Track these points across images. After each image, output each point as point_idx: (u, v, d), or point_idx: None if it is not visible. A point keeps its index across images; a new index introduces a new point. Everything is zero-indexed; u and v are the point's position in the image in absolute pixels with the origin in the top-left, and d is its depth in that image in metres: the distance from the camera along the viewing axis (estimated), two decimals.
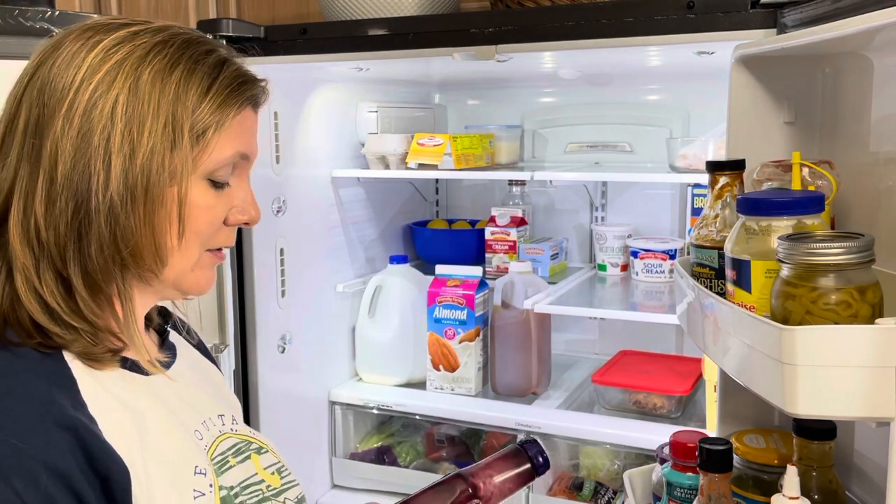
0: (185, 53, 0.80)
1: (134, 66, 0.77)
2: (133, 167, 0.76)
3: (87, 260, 0.76)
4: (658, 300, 1.95)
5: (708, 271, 1.01)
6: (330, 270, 2.08)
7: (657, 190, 2.20)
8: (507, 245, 2.19)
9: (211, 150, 0.80)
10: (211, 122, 0.79)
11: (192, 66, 0.79)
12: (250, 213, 0.87)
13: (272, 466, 0.93)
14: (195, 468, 0.81)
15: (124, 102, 0.76)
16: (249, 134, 0.85)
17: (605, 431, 1.81)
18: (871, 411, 0.71)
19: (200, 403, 0.90)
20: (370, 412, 2.08)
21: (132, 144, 0.76)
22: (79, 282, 0.77)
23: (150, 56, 0.78)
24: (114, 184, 0.75)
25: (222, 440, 0.89)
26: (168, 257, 0.80)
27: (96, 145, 0.75)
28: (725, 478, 0.95)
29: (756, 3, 1.29)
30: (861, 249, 0.75)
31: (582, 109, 2.28)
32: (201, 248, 0.83)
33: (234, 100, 0.81)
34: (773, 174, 1.06)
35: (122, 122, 0.75)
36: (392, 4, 1.75)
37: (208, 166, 0.80)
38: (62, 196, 0.75)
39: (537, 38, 1.50)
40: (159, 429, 0.79)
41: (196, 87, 0.79)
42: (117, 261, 0.77)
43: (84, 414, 0.73)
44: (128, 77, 0.76)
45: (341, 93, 2.11)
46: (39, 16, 1.31)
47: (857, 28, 0.82)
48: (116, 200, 0.75)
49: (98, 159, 0.75)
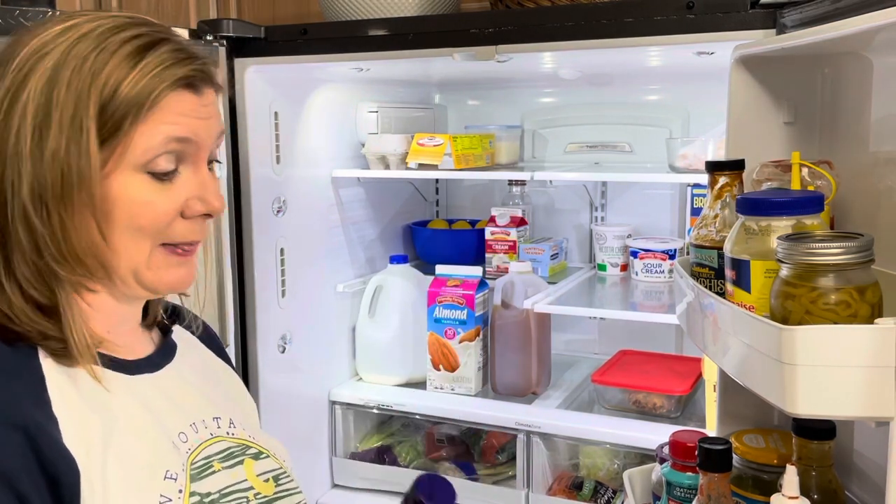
0: (102, 43, 0.75)
1: (53, 63, 0.74)
2: (41, 170, 0.73)
3: (15, 270, 0.75)
4: (658, 300, 1.95)
5: (707, 271, 1.01)
6: (330, 270, 2.08)
7: (657, 190, 2.20)
8: (507, 245, 2.19)
9: (133, 140, 0.75)
10: (127, 111, 0.74)
11: (107, 57, 0.74)
12: (211, 204, 0.81)
13: (268, 473, 0.90)
14: (166, 472, 0.79)
15: (35, 103, 0.73)
16: (189, 117, 0.78)
17: (605, 431, 1.81)
18: (870, 411, 0.72)
19: (193, 404, 0.87)
20: (370, 412, 2.08)
21: (40, 147, 0.73)
22: (14, 292, 0.75)
23: (69, 50, 0.74)
24: (25, 190, 0.73)
25: (211, 444, 0.86)
26: (104, 259, 0.77)
27: (11, 152, 0.73)
28: (725, 477, 0.95)
29: (756, 4, 1.29)
30: (860, 249, 0.75)
31: (582, 109, 2.28)
32: (151, 243, 0.79)
33: (154, 84, 0.75)
34: (772, 174, 1.06)
35: (31, 125, 0.73)
36: (392, 4, 1.75)
37: (136, 157, 0.75)
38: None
39: (537, 38, 1.50)
40: (131, 431, 0.78)
41: (108, 77, 0.74)
42: (43, 269, 0.75)
43: (44, 413, 0.72)
44: (43, 75, 0.73)
45: (341, 93, 2.11)
46: (39, 16, 1.32)
47: (857, 28, 0.82)
48: (29, 207, 0.73)
49: (13, 165, 0.73)
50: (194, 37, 1.65)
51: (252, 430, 0.95)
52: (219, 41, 1.66)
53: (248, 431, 0.93)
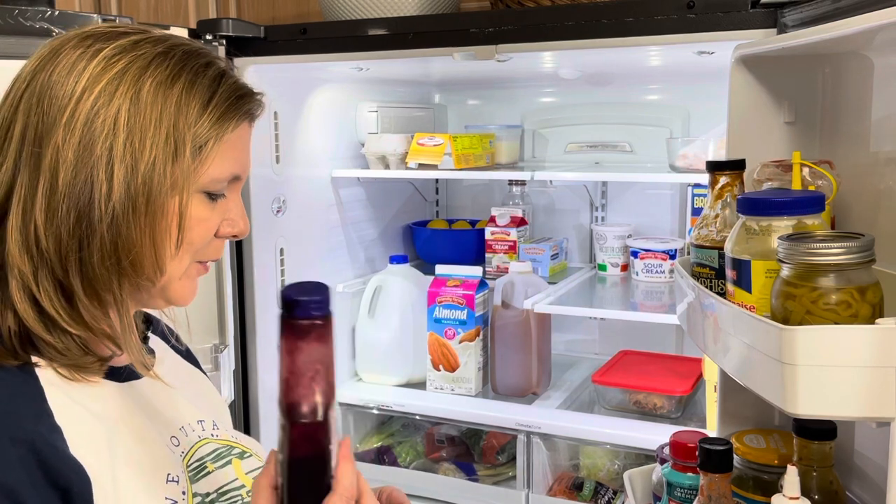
0: (186, 65, 0.79)
1: (135, 76, 0.77)
2: (135, 177, 0.75)
3: (88, 268, 0.76)
4: (658, 300, 1.95)
5: (708, 271, 1.01)
6: (330, 270, 2.08)
7: (657, 190, 2.20)
8: (507, 245, 2.19)
9: (209, 164, 0.80)
10: (210, 135, 0.79)
11: (193, 79, 0.79)
12: (239, 226, 0.86)
13: (255, 471, 0.92)
14: (168, 476, 0.80)
15: (126, 113, 0.76)
16: (245, 151, 0.85)
17: (605, 431, 1.81)
18: (871, 411, 0.71)
19: (179, 409, 0.89)
20: (370, 412, 2.08)
21: (134, 155, 0.75)
22: (79, 289, 0.76)
23: (152, 67, 0.78)
24: (116, 194, 0.75)
25: (201, 446, 0.88)
26: (166, 267, 0.80)
27: (99, 155, 0.75)
28: (725, 478, 0.95)
29: (756, 3, 1.29)
30: (861, 249, 0.75)
31: (582, 109, 2.28)
32: (192, 259, 0.83)
33: (232, 113, 0.81)
34: (773, 174, 1.06)
35: (124, 133, 0.75)
36: (392, 4, 1.75)
37: (205, 179, 0.80)
38: (64, 205, 0.75)
39: (537, 38, 1.50)
40: (131, 437, 0.79)
41: (197, 100, 0.79)
42: (117, 270, 0.77)
43: (47, 424, 0.73)
44: (129, 87, 0.76)
45: (341, 93, 2.11)
46: (39, 16, 1.31)
47: (857, 28, 0.82)
48: (119, 210, 0.75)
49: (101, 169, 0.75)
50: (194, 36, 1.65)
51: (230, 430, 0.98)
52: (218, 41, 1.66)
53: (229, 432, 0.95)
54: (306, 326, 0.72)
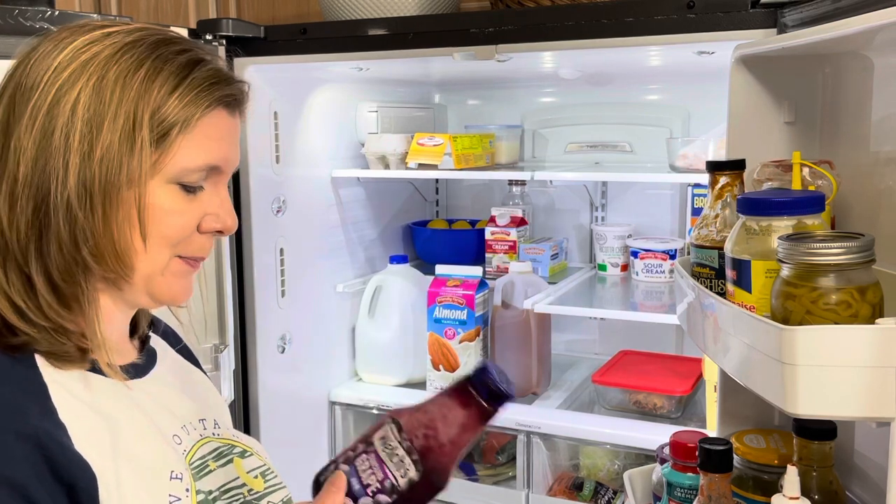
0: (154, 52, 0.78)
1: (101, 64, 0.76)
2: (90, 166, 0.75)
3: (47, 259, 0.76)
4: (658, 300, 1.95)
5: (708, 271, 1.01)
6: (330, 270, 2.08)
7: (657, 190, 2.20)
8: (507, 245, 2.19)
9: (175, 152, 0.78)
10: (175, 121, 0.77)
11: (160, 65, 0.77)
12: (225, 222, 0.84)
13: (256, 470, 0.92)
14: (171, 473, 0.80)
15: (87, 100, 0.75)
16: (223, 141, 0.82)
17: (605, 431, 1.81)
18: (871, 411, 0.71)
19: (181, 408, 0.89)
20: (370, 412, 2.08)
21: (91, 143, 0.74)
22: (41, 281, 0.76)
23: (118, 55, 0.77)
24: (71, 182, 0.74)
25: (203, 444, 0.88)
26: (133, 261, 0.78)
27: (56, 145, 0.74)
28: (725, 478, 0.95)
29: (756, 3, 1.29)
30: (861, 249, 0.75)
31: (582, 109, 2.28)
32: (171, 253, 0.81)
33: (203, 100, 0.79)
34: (773, 174, 1.06)
35: (81, 121, 0.74)
36: (392, 4, 1.75)
37: (173, 170, 0.78)
38: (23, 195, 0.74)
39: (537, 38, 1.50)
40: (134, 434, 0.79)
41: (161, 86, 0.77)
42: (78, 261, 0.76)
43: (52, 421, 0.73)
44: (92, 75, 0.75)
45: (341, 93, 2.10)
46: (39, 16, 1.32)
47: (857, 28, 0.82)
48: (74, 200, 0.75)
49: (58, 158, 0.74)
50: (193, 36, 1.64)
51: (230, 429, 0.97)
52: (218, 41, 1.66)
53: (230, 431, 0.95)
54: (491, 415, 0.79)
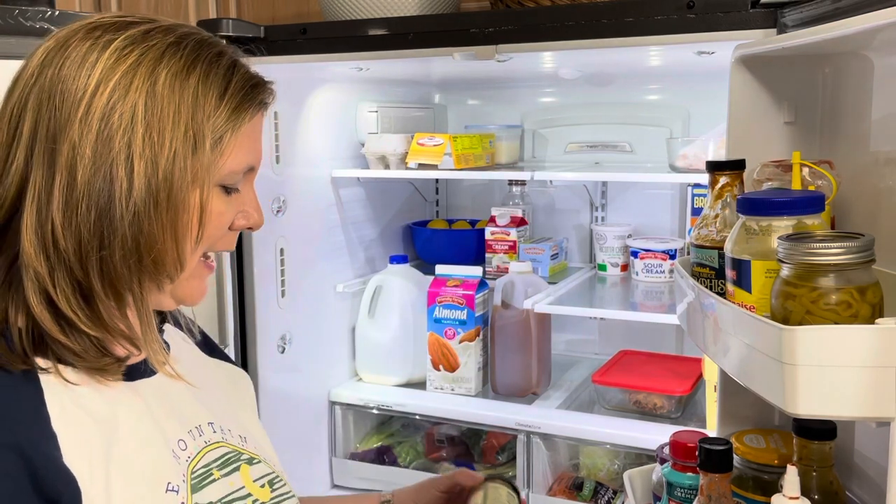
0: (199, 55, 0.78)
1: (150, 68, 0.75)
2: (156, 172, 0.74)
3: (109, 267, 0.74)
4: (658, 300, 1.95)
5: (708, 271, 1.01)
6: (330, 270, 2.08)
7: (657, 190, 2.20)
8: (507, 245, 2.19)
9: (227, 156, 0.79)
10: (227, 127, 0.78)
11: (208, 69, 0.78)
12: (254, 218, 0.86)
13: (264, 478, 0.90)
14: (168, 485, 0.78)
15: (143, 107, 0.74)
16: (259, 141, 0.85)
17: (605, 431, 1.81)
18: (871, 411, 0.71)
19: (189, 410, 0.87)
20: (370, 412, 2.08)
21: (154, 149, 0.74)
22: (100, 289, 0.75)
23: (166, 58, 0.76)
24: (137, 189, 0.73)
25: (209, 451, 0.85)
26: (187, 263, 0.79)
27: (117, 150, 0.73)
28: (725, 478, 0.95)
29: (756, 3, 1.29)
30: (861, 249, 0.75)
31: (582, 109, 2.28)
32: (202, 253, 0.82)
33: (247, 104, 0.81)
34: (773, 174, 1.06)
35: (142, 127, 0.74)
36: (392, 4, 1.75)
37: (224, 172, 0.79)
38: (83, 203, 0.73)
39: (537, 38, 1.49)
40: (134, 442, 0.77)
41: (213, 91, 0.78)
42: (139, 267, 0.75)
43: (41, 430, 0.71)
44: (145, 80, 0.75)
45: (341, 93, 2.10)
46: (39, 16, 1.31)
47: (857, 28, 0.82)
48: (140, 207, 0.74)
49: (120, 165, 0.73)
50: None
51: (244, 429, 0.95)
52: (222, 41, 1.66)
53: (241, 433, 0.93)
54: None
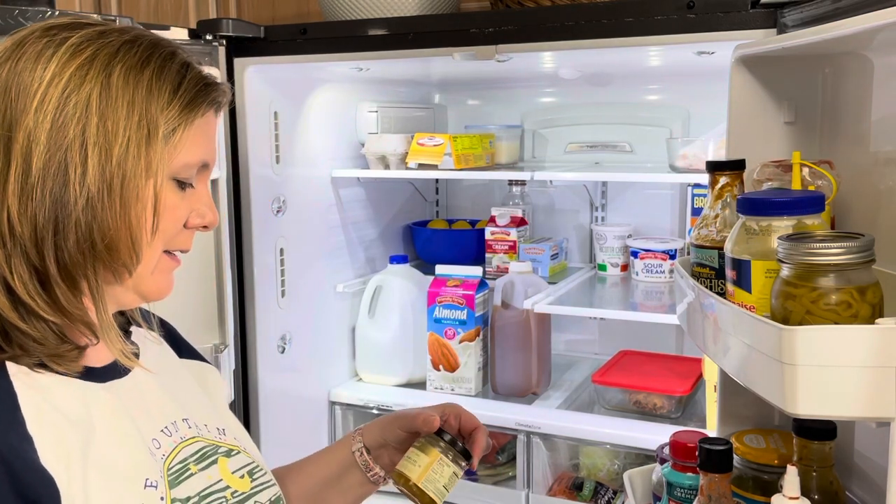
0: (153, 53, 0.80)
1: (104, 62, 0.77)
2: (109, 160, 0.76)
3: (63, 253, 0.76)
4: (658, 300, 1.95)
5: (708, 271, 1.01)
6: (330, 270, 2.08)
7: (657, 190, 2.19)
8: (507, 245, 2.19)
9: (181, 149, 0.80)
10: (181, 120, 0.80)
11: (162, 65, 0.80)
12: (209, 217, 0.86)
13: (243, 469, 0.91)
14: (146, 481, 0.79)
15: (98, 96, 0.76)
16: (212, 139, 0.86)
17: (605, 431, 1.81)
18: (871, 411, 0.71)
19: (162, 408, 0.87)
20: (370, 412, 2.08)
21: (108, 138, 0.76)
22: (55, 274, 0.76)
23: (121, 54, 0.78)
24: (91, 177, 0.75)
25: (185, 446, 0.86)
26: (142, 253, 0.80)
27: (72, 138, 0.75)
28: (725, 478, 0.95)
29: (756, 3, 1.29)
30: (861, 249, 0.75)
31: (582, 109, 2.28)
32: (163, 248, 0.83)
33: (200, 100, 0.82)
34: (773, 174, 1.06)
35: (96, 116, 0.75)
36: (392, 4, 1.75)
37: (177, 165, 0.80)
38: (38, 188, 0.74)
39: (537, 38, 1.50)
40: (110, 441, 0.78)
41: (167, 86, 0.79)
42: (93, 254, 0.77)
43: (17, 434, 0.72)
44: (100, 72, 0.76)
45: (341, 93, 2.10)
46: (39, 16, 1.32)
47: (857, 28, 0.82)
48: (94, 193, 0.75)
49: (75, 152, 0.75)
50: (194, 37, 1.65)
51: (223, 420, 0.95)
52: (218, 41, 1.66)
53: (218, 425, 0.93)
54: None
